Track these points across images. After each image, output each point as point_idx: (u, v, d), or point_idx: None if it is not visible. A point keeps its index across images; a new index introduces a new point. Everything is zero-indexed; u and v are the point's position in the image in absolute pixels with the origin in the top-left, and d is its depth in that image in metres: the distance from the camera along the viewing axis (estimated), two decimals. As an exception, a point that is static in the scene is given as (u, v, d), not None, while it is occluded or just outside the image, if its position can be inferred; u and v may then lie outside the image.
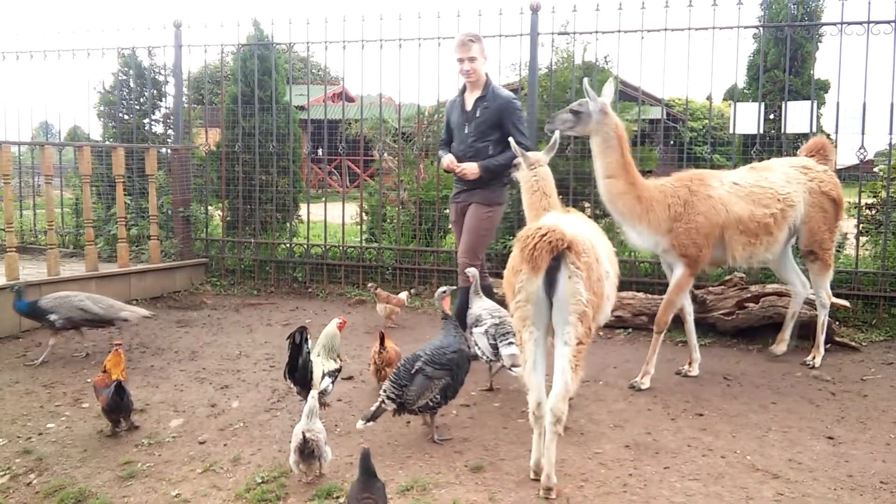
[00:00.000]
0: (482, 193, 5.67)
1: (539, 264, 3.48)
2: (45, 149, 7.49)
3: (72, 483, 3.89)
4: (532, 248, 3.48)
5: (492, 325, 4.89)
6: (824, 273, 5.79)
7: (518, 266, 3.66)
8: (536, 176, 4.59)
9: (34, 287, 6.87)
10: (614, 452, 4.18)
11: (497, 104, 5.56)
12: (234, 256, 9.06)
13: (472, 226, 5.65)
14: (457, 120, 5.77)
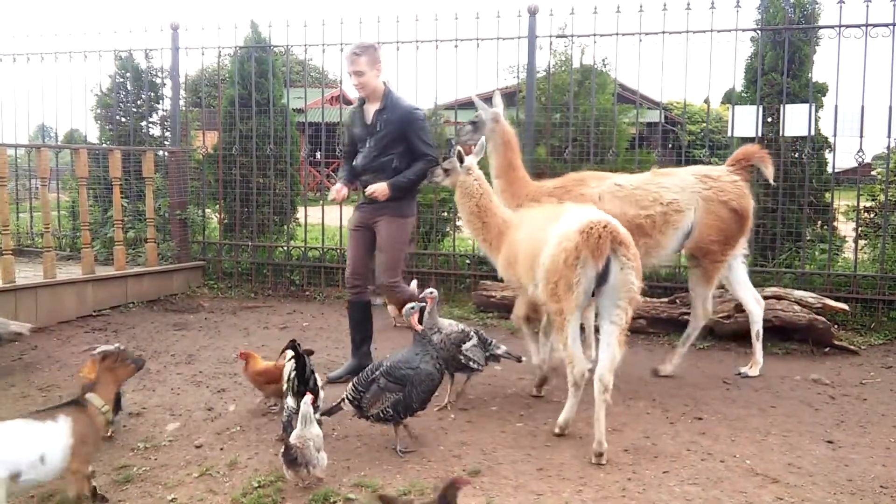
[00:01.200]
0: (394, 206, 5.33)
1: (603, 253, 4.02)
2: (40, 151, 7.46)
3: (67, 487, 3.86)
4: (598, 238, 4.02)
5: (475, 336, 4.90)
6: (703, 284, 5.64)
7: (575, 257, 4.07)
8: (478, 180, 5.08)
9: (31, 290, 6.85)
10: (613, 456, 4.15)
11: (398, 116, 5.24)
12: (232, 259, 9.03)
13: (388, 243, 5.35)
14: (359, 133, 5.45)
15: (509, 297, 7.22)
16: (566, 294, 4.13)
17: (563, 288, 4.14)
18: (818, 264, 7.30)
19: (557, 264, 4.16)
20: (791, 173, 7.37)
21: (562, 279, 4.14)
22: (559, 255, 4.15)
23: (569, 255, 4.09)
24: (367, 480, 3.87)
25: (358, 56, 5.16)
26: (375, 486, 3.81)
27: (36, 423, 3.40)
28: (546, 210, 4.86)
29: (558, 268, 4.15)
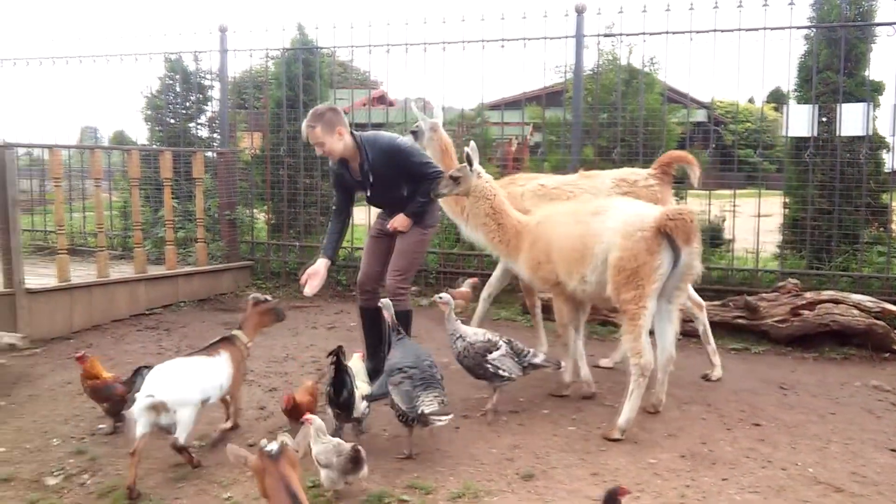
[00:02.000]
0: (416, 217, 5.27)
1: (694, 237, 4.45)
2: (94, 152, 7.60)
3: (124, 484, 3.91)
4: (691, 223, 4.39)
5: (505, 345, 4.74)
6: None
7: (657, 244, 4.39)
8: (489, 181, 5.18)
9: (85, 289, 6.98)
10: (670, 462, 4.09)
11: (383, 159, 5.08)
12: (279, 259, 9.11)
13: (405, 248, 5.22)
14: (353, 185, 5.32)
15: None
16: (647, 280, 4.41)
17: (645, 274, 4.41)
18: (876, 267, 7.11)
19: (637, 253, 4.41)
20: (847, 174, 7.19)
21: (644, 266, 4.40)
22: (638, 245, 4.41)
23: (650, 243, 4.39)
24: (420, 482, 3.86)
25: (313, 128, 4.96)
26: (429, 488, 3.81)
27: (210, 358, 4.25)
28: (575, 206, 5.07)
29: (638, 256, 4.41)
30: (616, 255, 4.49)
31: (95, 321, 7.01)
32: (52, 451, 4.37)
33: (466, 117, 8.98)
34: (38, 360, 6.02)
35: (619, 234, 4.51)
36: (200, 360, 4.24)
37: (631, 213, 4.61)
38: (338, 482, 3.66)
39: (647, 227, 4.42)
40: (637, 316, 4.44)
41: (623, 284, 4.47)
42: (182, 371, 4.08)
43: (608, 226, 4.60)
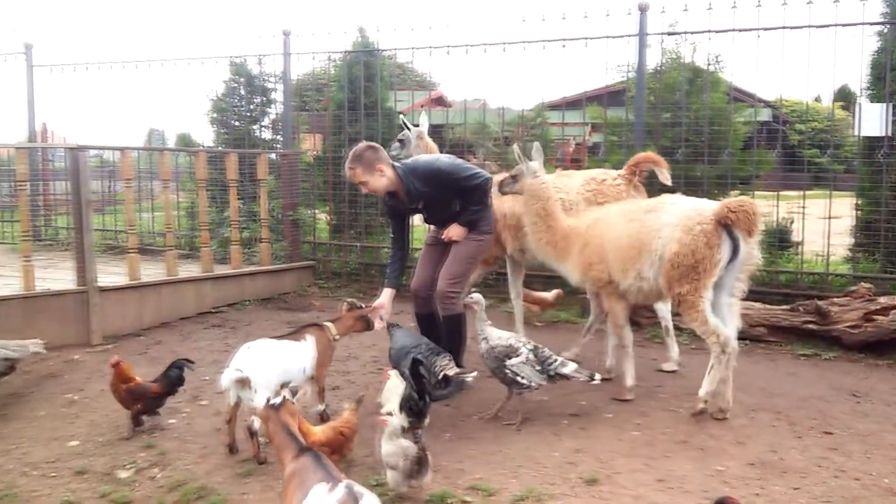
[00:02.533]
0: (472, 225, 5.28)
1: (756, 229, 4.50)
2: (163, 154, 7.81)
3: (193, 479, 4.01)
4: (753, 214, 4.44)
5: (528, 352, 4.64)
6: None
7: (717, 237, 4.50)
8: (545, 183, 5.25)
9: (154, 287, 7.17)
10: (738, 470, 4.00)
11: (428, 184, 5.09)
12: (340, 259, 9.21)
13: (459, 254, 5.22)
14: (406, 211, 5.36)
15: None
16: (706, 274, 4.53)
17: (704, 268, 4.52)
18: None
19: (696, 247, 4.51)
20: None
21: (703, 260, 4.51)
22: (698, 238, 4.52)
23: (710, 236, 4.50)
24: (482, 484, 3.86)
25: (353, 170, 5.02)
26: (491, 489, 3.80)
27: (296, 342, 4.47)
28: (625, 206, 5.22)
29: (698, 249, 4.51)
30: (674, 249, 4.59)
31: (164, 318, 7.20)
32: (124, 444, 4.50)
33: (526, 118, 8.94)
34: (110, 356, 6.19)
35: (677, 229, 4.61)
36: (287, 343, 4.46)
37: (688, 207, 4.74)
38: (402, 484, 3.67)
39: (707, 220, 4.53)
40: (697, 303, 4.59)
41: (679, 279, 4.60)
42: (268, 352, 4.31)
43: (665, 221, 4.71)
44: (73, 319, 6.50)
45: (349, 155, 5.10)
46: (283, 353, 4.39)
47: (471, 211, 5.18)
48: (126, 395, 4.63)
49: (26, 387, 5.47)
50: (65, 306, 6.48)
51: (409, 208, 5.32)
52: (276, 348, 4.38)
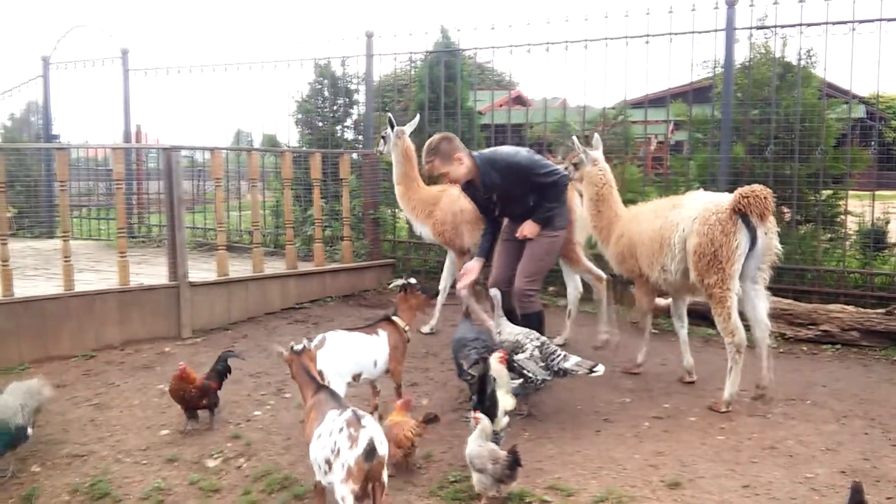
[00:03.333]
0: (547, 222, 5.24)
1: (768, 214, 4.68)
2: (251, 154, 8.05)
3: (277, 469, 4.13)
4: (764, 199, 4.63)
5: (534, 348, 4.66)
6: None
7: (733, 224, 4.67)
8: (602, 171, 5.60)
9: (242, 283, 7.39)
10: (828, 478, 3.85)
11: (504, 176, 5.11)
12: (419, 258, 9.29)
13: (535, 252, 5.19)
14: (482, 201, 5.39)
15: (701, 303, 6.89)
16: (728, 261, 4.69)
17: (724, 256, 4.68)
18: None
19: (714, 236, 4.72)
20: None
21: (721, 248, 4.69)
22: (714, 228, 4.73)
23: (725, 224, 4.69)
24: (561, 484, 3.84)
25: (431, 162, 5.08)
26: (570, 489, 3.78)
27: (368, 336, 4.58)
28: (658, 203, 5.49)
29: (715, 239, 4.71)
30: (694, 241, 4.83)
31: (250, 313, 7.41)
32: (212, 434, 4.66)
33: (607, 116, 8.82)
34: (200, 349, 6.43)
35: (696, 221, 4.85)
36: (359, 335, 4.58)
37: (707, 200, 4.99)
38: (490, 488, 3.64)
39: (722, 210, 4.75)
40: (724, 298, 4.77)
41: (705, 269, 4.78)
42: (340, 343, 4.44)
43: (685, 215, 4.99)
44: (165, 313, 6.76)
45: (425, 149, 5.17)
46: (355, 345, 4.50)
47: (546, 208, 5.16)
48: (195, 395, 4.71)
49: (121, 377, 5.72)
50: (157, 300, 6.75)
51: (485, 199, 5.32)
52: (348, 340, 4.50)
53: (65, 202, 6.60)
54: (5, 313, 5.98)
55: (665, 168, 9.18)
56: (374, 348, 4.55)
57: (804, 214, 7.53)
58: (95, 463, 4.31)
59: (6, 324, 5.96)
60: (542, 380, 4.63)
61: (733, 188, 6.97)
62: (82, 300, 6.36)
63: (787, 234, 7.33)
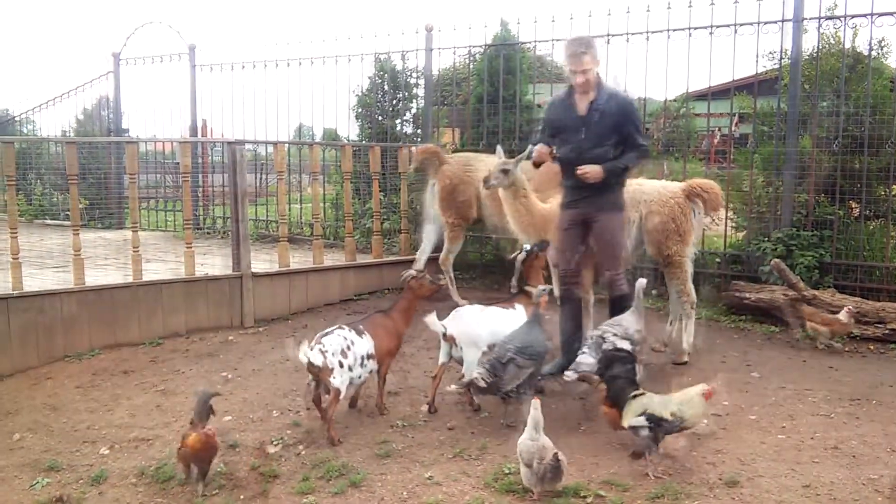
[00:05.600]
0: (610, 199, 5.17)
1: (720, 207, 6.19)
2: (313, 148, 8.18)
3: (335, 457, 4.21)
4: (718, 194, 6.02)
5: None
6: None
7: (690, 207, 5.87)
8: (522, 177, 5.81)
9: (302, 274, 7.53)
10: (893, 480, 3.74)
11: (616, 107, 5.05)
12: (476, 251, 9.31)
13: (610, 238, 5.22)
14: (568, 124, 5.18)
15: (765, 300, 6.77)
16: (686, 233, 5.78)
17: (684, 230, 5.76)
18: None
19: (675, 214, 5.75)
20: None
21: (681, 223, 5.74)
22: (675, 209, 5.75)
23: (683, 206, 5.78)
24: (616, 479, 3.83)
25: (584, 54, 4.97)
26: (626, 485, 3.77)
27: (504, 310, 5.01)
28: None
29: (676, 217, 5.74)
30: (654, 223, 5.77)
31: (310, 304, 7.55)
32: (273, 421, 4.78)
33: (669, 108, 8.68)
34: (261, 338, 6.59)
35: (654, 203, 5.81)
36: (494, 308, 5.02)
37: (659, 186, 6.00)
38: (535, 486, 3.66)
39: (678, 195, 5.81)
40: (682, 264, 5.83)
41: (665, 241, 5.78)
42: (475, 315, 4.92)
43: (642, 199, 5.86)
44: (228, 303, 6.95)
45: (575, 40, 5.16)
46: (490, 317, 4.90)
47: (622, 162, 5.11)
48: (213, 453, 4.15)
49: (186, 364, 5.90)
50: (221, 290, 6.93)
51: (575, 119, 5.13)
52: (483, 313, 4.94)
53: (134, 194, 6.81)
54: (77, 301, 6.21)
55: (728, 161, 9.00)
56: (511, 321, 4.85)
57: (873, 210, 7.29)
58: (161, 447, 4.45)
59: (77, 311, 6.19)
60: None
61: (800, 182, 6.83)
62: (150, 289, 6.58)
63: (855, 230, 7.14)
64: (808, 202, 7.22)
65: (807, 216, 7.18)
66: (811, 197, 7.20)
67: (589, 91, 5.08)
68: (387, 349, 4.82)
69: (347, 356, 4.49)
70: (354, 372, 4.54)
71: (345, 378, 4.47)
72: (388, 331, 4.87)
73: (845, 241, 7.16)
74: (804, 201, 7.25)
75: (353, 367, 4.51)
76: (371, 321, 4.88)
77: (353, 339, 4.60)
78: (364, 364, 4.61)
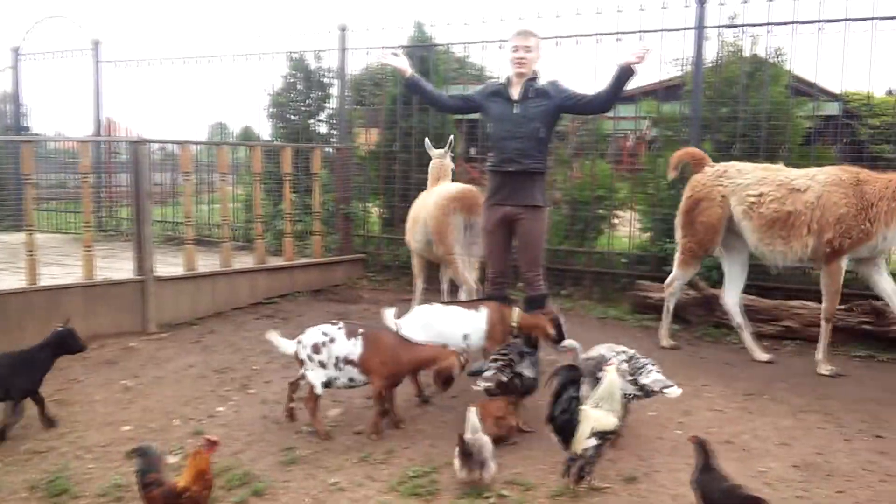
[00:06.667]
0: (533, 195, 5.25)
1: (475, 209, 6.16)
2: (221, 148, 8.01)
3: (238, 465, 4.12)
4: (475, 198, 6.21)
5: (622, 361, 4.30)
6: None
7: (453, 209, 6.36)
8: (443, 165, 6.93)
9: (209, 278, 7.36)
10: (781, 472, 3.93)
11: (549, 87, 5.26)
12: (390, 253, 9.29)
13: (534, 238, 5.31)
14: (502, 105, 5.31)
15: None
16: (450, 235, 6.27)
17: (447, 232, 6.27)
18: None
19: (439, 218, 6.28)
20: None
21: (444, 226, 6.27)
22: (440, 211, 6.27)
23: (447, 211, 6.26)
24: (520, 478, 3.88)
25: (531, 35, 5.27)
26: (529, 484, 3.82)
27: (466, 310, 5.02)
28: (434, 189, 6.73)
29: (440, 220, 6.27)
30: (431, 221, 6.33)
31: (218, 308, 7.38)
32: (174, 430, 4.64)
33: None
34: (165, 344, 6.40)
35: (433, 206, 6.32)
36: (457, 309, 5.09)
37: (442, 189, 6.50)
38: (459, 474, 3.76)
39: (444, 198, 6.30)
40: (453, 261, 6.33)
41: (437, 242, 6.32)
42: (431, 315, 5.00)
43: (429, 200, 6.45)
44: (131, 308, 6.71)
45: (521, 30, 5.33)
46: (446, 317, 4.99)
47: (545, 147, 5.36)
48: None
49: (84, 373, 5.68)
50: (123, 295, 6.70)
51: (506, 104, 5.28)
52: (444, 312, 5.04)
53: (29, 195, 6.51)
54: (-33, 308, 5.90)
55: (636, 164, 9.25)
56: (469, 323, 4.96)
57: (770, 211, 7.60)
58: (55, 459, 4.26)
59: (-32, 318, 5.88)
60: (632, 395, 4.25)
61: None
62: (47, 294, 6.29)
63: (752, 230, 7.43)
64: (709, 204, 7.46)
65: (708, 218, 7.42)
66: (712, 199, 7.45)
67: (525, 75, 5.26)
68: (379, 367, 4.38)
69: (321, 352, 4.38)
70: (330, 371, 4.41)
71: (318, 374, 4.38)
72: (391, 351, 4.43)
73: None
74: (706, 203, 7.49)
75: (326, 364, 4.39)
76: (374, 333, 4.54)
77: (336, 337, 4.43)
78: (340, 367, 4.41)
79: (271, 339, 4.55)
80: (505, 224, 5.35)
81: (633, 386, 4.24)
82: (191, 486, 3.29)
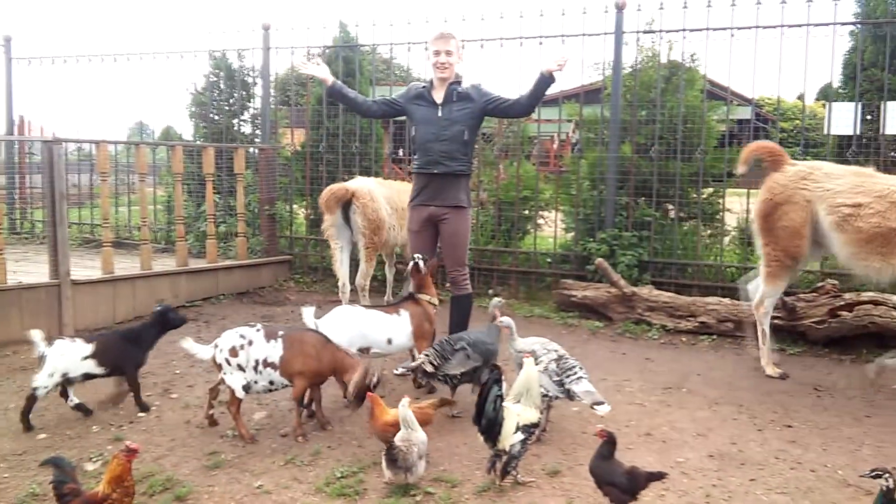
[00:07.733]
0: (458, 196, 5.38)
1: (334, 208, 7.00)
2: (139, 148, 7.81)
3: (160, 471, 4.03)
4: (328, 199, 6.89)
5: (550, 360, 4.36)
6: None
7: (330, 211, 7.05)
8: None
9: (129, 281, 7.16)
10: (697, 462, 4.08)
11: (472, 91, 5.36)
12: (317, 254, 9.22)
13: (459, 238, 5.43)
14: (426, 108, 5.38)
15: (590, 297, 7.16)
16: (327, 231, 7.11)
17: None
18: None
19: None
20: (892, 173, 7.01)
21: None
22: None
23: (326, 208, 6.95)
24: (446, 476, 3.91)
25: (451, 38, 5.33)
26: (455, 481, 3.85)
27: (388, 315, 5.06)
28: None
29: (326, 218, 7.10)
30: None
31: (138, 312, 7.18)
32: (92, 437, 4.51)
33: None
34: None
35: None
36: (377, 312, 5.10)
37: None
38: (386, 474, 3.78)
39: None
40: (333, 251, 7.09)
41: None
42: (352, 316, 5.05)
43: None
44: (46, 312, 6.48)
45: (440, 33, 5.36)
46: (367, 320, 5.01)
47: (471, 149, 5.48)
48: None
49: (-3, 380, 5.47)
50: (38, 299, 6.47)
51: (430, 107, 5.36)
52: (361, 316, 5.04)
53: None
54: None
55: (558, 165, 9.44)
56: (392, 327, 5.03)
57: (686, 212, 7.89)
58: (-38, 471, 4.10)
59: None
60: (554, 396, 4.29)
61: (622, 186, 7.29)
62: (-46, 300, 6.04)
63: (670, 230, 7.69)
64: (628, 205, 7.70)
65: (627, 218, 7.66)
66: (631, 200, 7.69)
67: (448, 79, 5.35)
68: (301, 369, 4.34)
69: (238, 355, 4.30)
70: (249, 374, 4.33)
71: (237, 378, 4.30)
72: (313, 352, 4.37)
73: (662, 240, 7.70)
74: (625, 204, 7.72)
75: (245, 367, 4.32)
76: (296, 335, 4.46)
77: (255, 339, 4.35)
78: (259, 370, 4.32)
79: (186, 346, 4.40)
80: (430, 224, 5.45)
81: (558, 387, 4.28)
82: (111, 494, 3.21)
